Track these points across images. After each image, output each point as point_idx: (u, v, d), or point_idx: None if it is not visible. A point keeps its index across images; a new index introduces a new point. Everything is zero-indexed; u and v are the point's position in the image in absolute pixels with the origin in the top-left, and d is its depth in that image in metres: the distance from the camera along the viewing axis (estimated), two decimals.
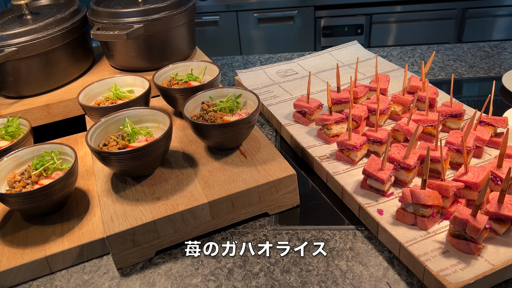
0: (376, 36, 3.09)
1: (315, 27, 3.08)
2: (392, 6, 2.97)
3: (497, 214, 0.72)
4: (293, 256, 0.80)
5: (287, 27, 3.07)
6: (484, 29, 2.98)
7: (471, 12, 2.94)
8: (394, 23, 3.06)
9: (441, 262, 0.70)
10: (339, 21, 3.05)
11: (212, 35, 3.13)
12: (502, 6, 2.86)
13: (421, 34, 3.02)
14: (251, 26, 3.08)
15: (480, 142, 0.92)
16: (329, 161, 0.98)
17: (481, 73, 1.39)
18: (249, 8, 3.03)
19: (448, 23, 3.02)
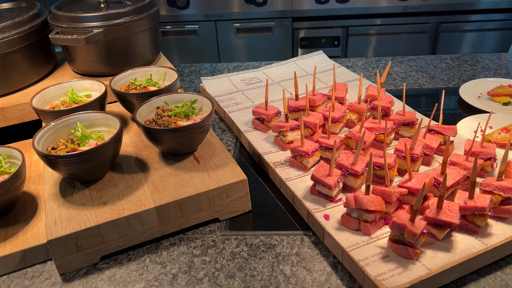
0: (353, 48, 3.14)
1: (293, 38, 3.12)
2: (368, 19, 3.04)
3: (435, 219, 0.73)
4: (239, 261, 0.80)
5: (266, 37, 3.10)
6: (455, 43, 3.06)
7: (444, 26, 3.02)
8: (370, 36, 3.12)
9: (380, 267, 0.71)
10: (316, 32, 3.10)
11: (192, 44, 3.14)
12: (471, 21, 2.95)
13: (397, 47, 3.09)
14: (230, 36, 3.10)
15: (429, 150, 0.94)
16: (283, 167, 0.98)
17: (441, 84, 1.42)
18: (228, 18, 3.05)
19: (422, 36, 3.09)
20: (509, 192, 0.77)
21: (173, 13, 3.02)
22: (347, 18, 3.04)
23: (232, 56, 3.16)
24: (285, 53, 3.10)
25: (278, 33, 3.06)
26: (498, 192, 0.78)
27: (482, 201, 0.74)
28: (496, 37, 3.01)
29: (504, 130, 1.06)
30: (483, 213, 0.74)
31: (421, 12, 2.99)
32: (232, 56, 3.16)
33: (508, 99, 1.23)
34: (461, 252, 0.72)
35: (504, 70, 1.49)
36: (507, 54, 1.61)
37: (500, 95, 1.25)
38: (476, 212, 0.74)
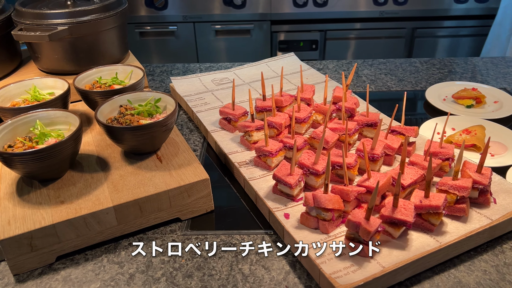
0: (331, 52, 3.17)
1: (272, 41, 3.14)
2: (345, 23, 3.07)
3: (390, 217, 0.74)
4: (198, 260, 0.79)
5: (245, 40, 3.11)
6: (430, 48, 3.12)
7: (419, 31, 3.08)
8: (348, 40, 3.15)
9: (335, 265, 0.71)
10: (295, 36, 3.12)
11: (170, 46, 3.13)
12: (445, 27, 3.01)
13: (374, 51, 3.13)
14: (209, 38, 3.09)
15: (390, 150, 0.95)
16: (247, 167, 0.98)
17: (409, 86, 1.45)
18: (206, 20, 3.04)
19: (399, 41, 3.14)
20: (463, 191, 0.78)
21: (151, 13, 2.99)
22: (325, 22, 3.07)
23: (211, 58, 3.15)
24: (264, 56, 3.09)
25: (257, 36, 3.07)
26: (453, 191, 0.79)
27: (437, 200, 0.76)
28: (469, 42, 3.08)
29: (465, 131, 1.09)
30: (438, 211, 0.75)
31: (397, 17, 3.04)
32: (211, 58, 3.16)
33: (471, 102, 1.26)
34: (416, 250, 0.73)
35: (469, 74, 1.53)
36: (474, 58, 1.65)
37: (464, 97, 1.27)
38: (431, 210, 0.76)
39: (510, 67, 1.56)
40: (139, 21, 2.99)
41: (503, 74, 1.51)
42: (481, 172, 0.83)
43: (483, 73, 1.53)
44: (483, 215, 0.80)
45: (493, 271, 0.75)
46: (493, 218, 0.79)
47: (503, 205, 0.82)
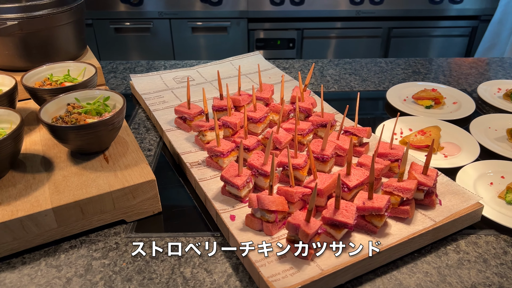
0: (308, 51, 3.17)
1: (249, 39, 3.12)
2: (322, 22, 3.07)
3: (331, 219, 0.73)
4: (140, 264, 0.77)
5: (222, 37, 3.08)
6: (406, 48, 3.15)
7: (396, 31, 3.10)
8: (325, 39, 3.16)
9: (275, 268, 0.70)
10: (272, 34, 3.11)
11: (146, 42, 3.08)
12: (421, 27, 3.03)
13: (351, 50, 3.14)
14: (185, 35, 3.05)
15: (341, 151, 0.95)
16: (199, 167, 0.97)
17: (371, 86, 1.45)
18: (182, 17, 3.01)
19: (375, 41, 3.16)
20: (407, 193, 0.78)
21: (126, 9, 2.95)
22: (302, 20, 3.07)
23: (187, 55, 3.12)
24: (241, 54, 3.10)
25: (234, 33, 3.04)
26: (397, 193, 0.79)
27: (380, 202, 0.75)
28: (444, 43, 3.12)
29: (421, 132, 1.09)
30: (380, 213, 0.75)
31: (373, 17, 3.06)
32: (188, 55, 3.12)
33: (430, 103, 1.27)
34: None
35: (433, 74, 1.54)
36: (439, 59, 1.67)
37: (424, 98, 1.28)
38: (373, 212, 0.75)
39: (473, 68, 1.58)
40: (114, 17, 2.94)
41: (466, 75, 1.53)
42: (427, 174, 0.83)
43: (446, 74, 1.54)
44: (427, 217, 0.81)
45: (435, 273, 0.75)
46: (437, 220, 0.79)
47: (448, 206, 0.83)
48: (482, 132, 1.13)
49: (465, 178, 0.95)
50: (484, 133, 1.13)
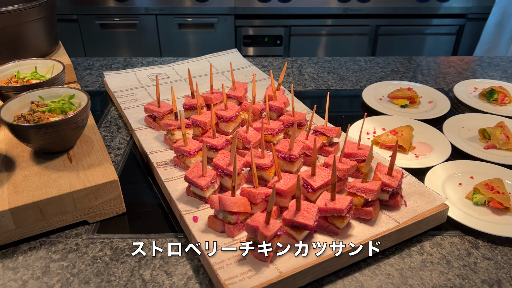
0: (295, 48, 3.16)
1: (236, 36, 3.10)
2: (309, 20, 3.06)
3: (292, 221, 0.73)
4: (99, 266, 0.76)
5: (209, 34, 3.06)
6: (394, 46, 3.14)
7: (383, 29, 3.10)
8: (312, 36, 3.15)
9: (233, 270, 0.69)
10: (259, 31, 3.09)
11: (132, 38, 3.05)
12: (409, 25, 3.03)
13: (338, 48, 3.13)
14: (171, 31, 3.03)
15: (310, 151, 0.94)
16: (166, 167, 0.95)
17: (349, 85, 1.44)
18: (168, 13, 2.98)
19: (362, 39, 3.15)
20: (370, 194, 0.78)
21: (113, 5, 2.91)
22: (289, 17, 3.05)
23: (174, 52, 3.09)
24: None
25: (221, 30, 3.02)
26: (360, 194, 0.78)
27: (341, 203, 0.75)
28: (432, 41, 3.12)
29: (393, 132, 1.09)
30: (341, 214, 0.74)
31: (361, 14, 3.05)
32: (174, 51, 3.10)
33: (405, 102, 1.26)
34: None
35: (411, 73, 1.53)
36: (418, 57, 1.67)
37: (399, 97, 1.28)
38: (335, 213, 0.75)
39: (452, 68, 1.58)
40: (99, 13, 2.90)
41: (444, 74, 1.53)
42: (392, 175, 0.82)
43: (424, 73, 1.54)
44: (391, 218, 0.80)
45: (397, 275, 0.75)
46: (401, 221, 0.79)
47: (413, 208, 0.82)
48: (455, 132, 1.13)
49: (434, 179, 0.95)
50: (457, 133, 1.13)
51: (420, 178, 0.94)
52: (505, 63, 1.62)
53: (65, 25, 2.93)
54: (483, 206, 0.89)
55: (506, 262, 0.77)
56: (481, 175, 0.97)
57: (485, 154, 1.05)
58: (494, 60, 1.65)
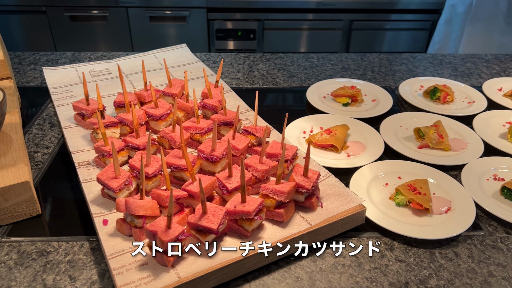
0: (269, 43, 3.13)
1: (209, 29, 3.06)
2: (282, 14, 3.03)
3: (196, 225, 0.71)
4: (1, 270, 0.74)
5: (181, 27, 3.02)
6: (368, 41, 3.14)
7: (357, 24, 3.09)
8: (285, 30, 3.12)
9: (132, 275, 0.67)
10: (232, 24, 3.05)
11: (102, 31, 2.99)
12: (383, 20, 3.02)
13: (312, 42, 3.12)
14: (143, 24, 2.98)
15: (235, 151, 0.92)
16: (88, 167, 0.93)
17: (297, 83, 1.43)
18: (139, 5, 2.92)
19: (336, 33, 3.14)
20: (281, 195, 0.76)
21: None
22: (262, 11, 3.02)
23: (146, 45, 3.03)
24: (201, 44, 3.04)
25: (193, 23, 2.98)
26: (272, 196, 0.77)
27: (250, 206, 0.73)
28: (405, 36, 3.12)
29: (327, 131, 1.08)
30: (249, 217, 0.73)
31: (334, 9, 3.03)
32: (146, 45, 3.04)
33: (347, 100, 1.26)
34: (223, 258, 0.71)
35: (361, 70, 1.53)
36: (371, 54, 1.66)
37: (341, 96, 1.27)
38: (243, 216, 0.73)
39: (403, 65, 1.58)
40: (68, 4, 2.84)
41: (394, 71, 1.52)
42: (308, 176, 0.81)
43: (374, 70, 1.53)
44: (305, 220, 0.79)
45: (306, 278, 0.74)
46: (313, 223, 0.78)
47: (329, 209, 0.81)
48: (391, 131, 1.12)
49: (360, 179, 0.94)
50: (393, 132, 1.12)
51: (348, 178, 0.94)
52: (457, 60, 1.62)
53: (33, 17, 2.87)
54: (405, 207, 0.88)
55: (417, 264, 0.77)
56: (409, 175, 0.96)
57: (418, 154, 1.04)
58: (447, 57, 1.65)
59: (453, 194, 0.90)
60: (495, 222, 0.87)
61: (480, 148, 1.06)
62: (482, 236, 0.84)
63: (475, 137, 1.10)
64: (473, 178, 0.95)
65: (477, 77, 1.49)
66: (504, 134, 1.13)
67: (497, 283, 0.74)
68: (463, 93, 1.34)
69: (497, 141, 1.10)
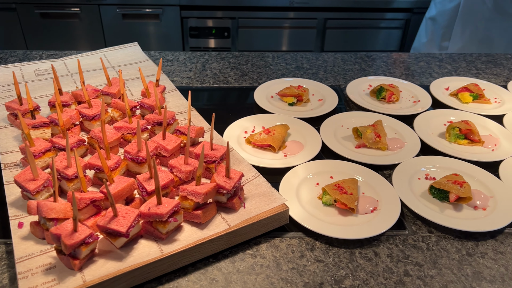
0: (243, 41, 3.12)
1: (182, 27, 3.03)
2: (257, 12, 3.02)
3: (105, 227, 0.70)
4: None
5: (154, 25, 2.98)
6: (343, 40, 3.14)
7: (331, 23, 3.09)
8: (260, 29, 3.11)
9: (36, 279, 0.66)
10: (206, 22, 3.03)
11: (75, 29, 2.95)
12: (358, 19, 3.03)
13: (287, 41, 3.12)
14: (115, 21, 2.94)
15: (165, 151, 0.91)
16: (14, 168, 0.91)
17: (248, 82, 1.42)
18: (111, 3, 2.89)
19: (310, 32, 3.14)
20: (198, 197, 0.76)
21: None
22: (236, 9, 3.01)
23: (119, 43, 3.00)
24: (175, 42, 3.01)
25: (166, 21, 2.95)
26: (190, 197, 0.77)
27: (164, 208, 0.73)
28: (380, 35, 3.13)
29: (266, 131, 1.07)
30: (162, 219, 0.72)
31: (308, 7, 3.04)
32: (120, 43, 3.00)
33: (293, 100, 1.25)
34: (133, 261, 0.70)
35: (314, 70, 1.53)
36: (327, 53, 1.66)
37: (287, 95, 1.26)
38: (157, 218, 0.72)
39: (357, 64, 1.58)
40: (39, 1, 2.79)
41: (346, 71, 1.53)
42: (230, 177, 0.81)
43: (327, 70, 1.53)
44: (225, 221, 0.79)
45: (221, 280, 0.74)
46: (232, 224, 0.78)
47: (251, 209, 0.81)
48: (332, 131, 1.13)
49: (292, 179, 0.94)
50: (333, 132, 1.12)
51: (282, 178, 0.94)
52: (411, 59, 1.63)
53: (3, 14, 2.82)
54: (332, 207, 0.88)
55: (335, 264, 0.77)
56: (341, 174, 0.97)
57: (354, 153, 1.05)
58: (401, 56, 1.66)
59: (382, 194, 0.91)
60: (420, 222, 0.88)
61: (417, 147, 1.07)
62: (405, 236, 0.84)
63: (414, 136, 1.11)
64: (405, 177, 0.96)
65: (427, 76, 1.50)
66: (444, 133, 1.14)
67: (412, 283, 0.74)
68: (411, 92, 1.35)
69: (435, 140, 1.11)
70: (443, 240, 0.83)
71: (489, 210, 0.88)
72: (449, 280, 0.75)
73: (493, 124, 1.18)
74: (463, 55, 1.68)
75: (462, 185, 0.89)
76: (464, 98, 1.30)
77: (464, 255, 0.80)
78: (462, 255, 0.80)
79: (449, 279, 0.75)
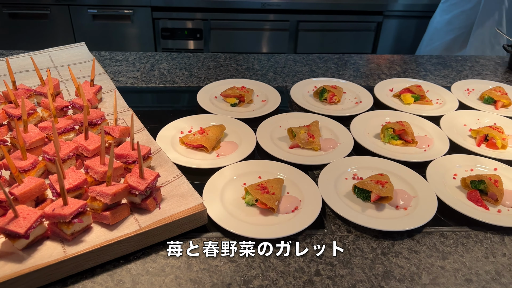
0: (215, 43, 3.11)
1: (154, 29, 3.01)
2: (229, 13, 3.02)
3: (3, 229, 0.69)
4: None
5: (126, 26, 2.96)
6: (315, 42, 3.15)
7: (303, 25, 3.10)
8: (233, 31, 3.11)
9: None
10: (178, 24, 3.02)
11: (44, 29, 2.91)
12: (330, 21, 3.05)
13: (259, 43, 3.11)
14: (85, 22, 2.91)
15: (86, 152, 0.90)
16: None
17: (194, 82, 1.42)
18: (81, 3, 2.86)
19: (283, 34, 3.15)
20: (106, 197, 0.75)
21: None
22: (208, 11, 3.00)
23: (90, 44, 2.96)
24: (147, 43, 2.99)
25: (138, 22, 2.93)
26: (99, 198, 0.76)
27: (68, 209, 0.72)
28: (352, 37, 3.16)
29: (200, 131, 1.07)
30: (66, 220, 0.71)
31: (280, 9, 3.04)
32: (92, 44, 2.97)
33: (235, 101, 1.25)
34: (33, 262, 0.69)
35: (264, 71, 1.53)
36: (280, 55, 1.66)
37: (230, 96, 1.26)
38: (61, 219, 0.71)
39: (307, 66, 1.59)
40: (6, 1, 2.75)
41: (295, 72, 1.53)
42: (144, 177, 0.80)
43: (277, 71, 1.53)
44: (137, 222, 0.78)
45: (129, 281, 0.73)
46: (143, 225, 0.77)
47: (166, 210, 0.80)
48: (268, 132, 1.13)
49: (218, 179, 0.94)
50: (269, 133, 1.12)
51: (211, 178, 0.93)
52: (362, 61, 1.65)
53: None
54: (254, 207, 0.88)
55: (248, 265, 0.77)
56: (269, 174, 0.97)
57: (286, 154, 1.05)
58: (353, 58, 1.68)
59: (305, 194, 0.91)
60: (340, 221, 0.88)
61: (349, 148, 1.07)
62: (323, 235, 0.84)
63: (349, 137, 1.12)
64: (331, 177, 0.96)
65: (375, 78, 1.51)
66: (379, 134, 1.15)
67: (321, 282, 0.74)
68: (354, 94, 1.36)
69: (370, 141, 1.11)
70: (360, 240, 0.84)
71: (410, 210, 0.89)
72: (358, 280, 0.75)
73: (430, 125, 1.19)
74: (414, 57, 1.70)
75: (384, 185, 0.90)
76: (406, 99, 1.31)
77: (379, 254, 0.81)
78: (376, 255, 0.80)
79: (358, 278, 0.76)
